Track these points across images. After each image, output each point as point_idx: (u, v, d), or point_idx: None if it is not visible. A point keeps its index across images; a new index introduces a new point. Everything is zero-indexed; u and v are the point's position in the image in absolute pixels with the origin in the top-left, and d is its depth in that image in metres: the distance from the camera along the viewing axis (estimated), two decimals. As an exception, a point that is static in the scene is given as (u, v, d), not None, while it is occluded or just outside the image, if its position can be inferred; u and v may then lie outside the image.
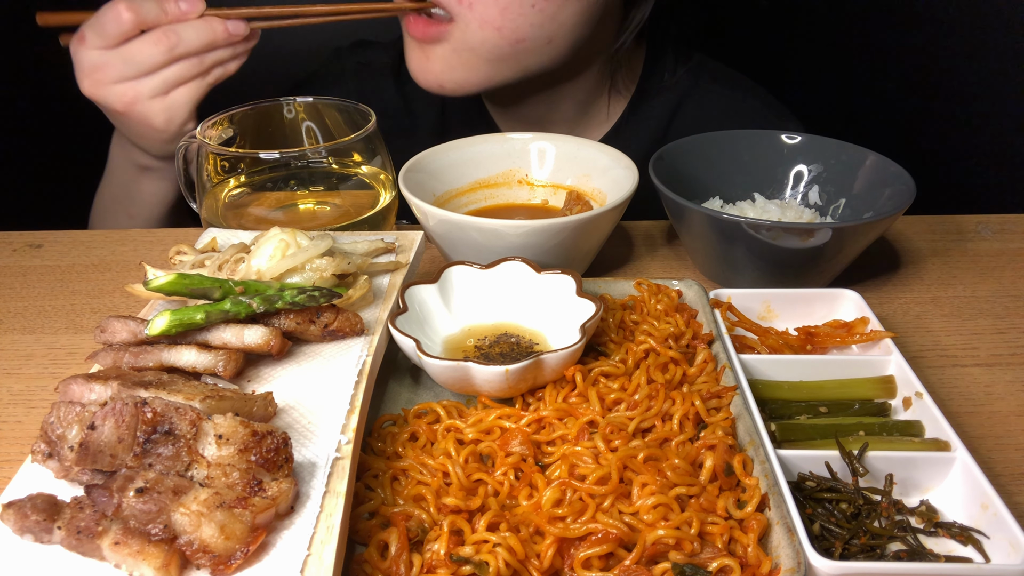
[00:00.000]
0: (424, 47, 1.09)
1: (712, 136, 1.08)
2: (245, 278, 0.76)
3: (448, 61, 1.08)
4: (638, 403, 0.71)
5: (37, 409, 0.78)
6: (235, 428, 0.57)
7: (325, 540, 0.53)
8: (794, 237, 0.87)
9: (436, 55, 1.09)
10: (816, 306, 0.87)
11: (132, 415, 0.56)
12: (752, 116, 1.26)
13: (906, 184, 0.94)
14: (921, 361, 0.85)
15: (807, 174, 1.07)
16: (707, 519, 0.60)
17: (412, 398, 0.78)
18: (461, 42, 1.06)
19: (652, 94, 1.28)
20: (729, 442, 0.66)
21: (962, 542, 0.61)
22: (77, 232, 1.13)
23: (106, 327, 0.70)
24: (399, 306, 0.78)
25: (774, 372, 0.77)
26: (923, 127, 1.86)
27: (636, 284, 0.87)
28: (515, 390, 0.73)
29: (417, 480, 0.65)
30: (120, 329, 0.70)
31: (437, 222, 0.90)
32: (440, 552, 0.57)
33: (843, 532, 0.62)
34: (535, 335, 0.82)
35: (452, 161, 1.06)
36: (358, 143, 0.97)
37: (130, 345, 0.69)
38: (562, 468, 0.65)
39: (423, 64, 1.10)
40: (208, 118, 0.99)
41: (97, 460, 0.55)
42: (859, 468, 0.65)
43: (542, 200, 1.09)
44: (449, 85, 1.11)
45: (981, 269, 1.03)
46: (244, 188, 1.01)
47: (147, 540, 0.51)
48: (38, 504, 0.53)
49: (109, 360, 0.69)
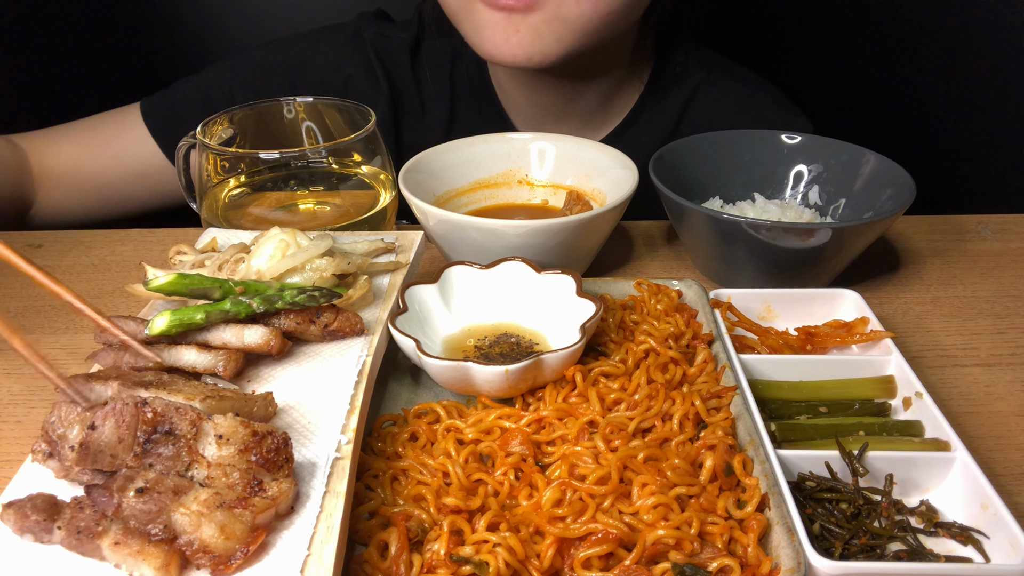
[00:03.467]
0: (512, 18, 1.04)
1: (712, 136, 1.08)
2: (245, 278, 0.76)
3: (539, 31, 1.04)
4: (638, 403, 0.71)
5: (37, 409, 0.78)
6: (235, 428, 0.57)
7: (325, 540, 0.53)
8: (794, 237, 0.87)
9: (527, 25, 1.04)
10: (816, 306, 0.87)
11: (132, 415, 0.56)
12: (763, 111, 1.26)
13: (906, 184, 0.94)
14: (921, 361, 0.85)
15: (807, 174, 1.07)
16: (707, 519, 0.60)
17: (412, 398, 0.77)
18: (554, 13, 1.03)
19: (665, 86, 1.28)
20: (729, 442, 0.66)
21: (962, 542, 0.61)
22: (77, 232, 1.13)
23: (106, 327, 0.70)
24: (399, 306, 0.78)
25: (774, 372, 0.77)
26: (923, 127, 1.86)
27: (636, 284, 0.87)
28: (515, 390, 0.73)
29: (417, 480, 0.65)
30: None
31: (437, 222, 0.90)
32: (440, 552, 0.57)
33: (843, 532, 0.62)
34: (535, 335, 0.82)
35: (452, 161, 1.06)
36: (358, 143, 0.97)
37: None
38: (562, 468, 0.65)
39: (509, 37, 1.05)
40: (208, 118, 0.99)
41: (97, 460, 0.55)
42: (859, 468, 0.65)
43: (542, 200, 1.09)
44: (537, 57, 1.06)
45: (981, 269, 1.03)
46: (244, 188, 1.00)
47: (147, 540, 0.51)
48: (38, 504, 0.53)
49: (109, 360, 0.69)
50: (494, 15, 1.04)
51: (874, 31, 1.83)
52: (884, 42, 1.83)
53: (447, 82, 1.30)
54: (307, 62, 1.30)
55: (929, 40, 1.80)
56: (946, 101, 1.84)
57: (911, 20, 1.79)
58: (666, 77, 1.28)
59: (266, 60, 1.31)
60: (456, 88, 1.30)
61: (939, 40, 1.79)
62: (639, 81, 1.28)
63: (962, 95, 1.83)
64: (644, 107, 1.28)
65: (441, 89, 1.30)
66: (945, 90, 1.83)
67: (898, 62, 1.83)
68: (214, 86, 1.29)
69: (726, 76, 1.29)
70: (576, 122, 1.27)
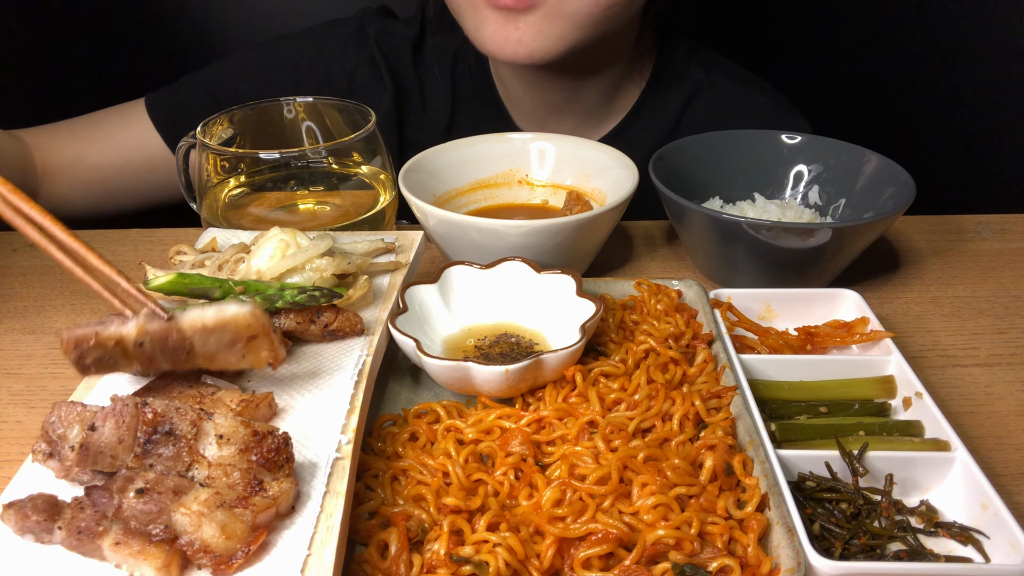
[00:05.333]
0: (513, 16, 1.04)
1: (712, 136, 1.08)
2: (245, 278, 0.76)
3: (539, 28, 1.04)
4: (638, 403, 0.71)
5: (37, 409, 0.78)
6: (236, 428, 0.57)
7: (325, 540, 0.53)
8: (794, 237, 0.87)
9: (528, 23, 1.04)
10: (816, 306, 0.87)
11: (132, 416, 0.56)
12: (763, 112, 1.26)
13: (906, 184, 0.94)
14: (921, 361, 0.85)
15: (807, 174, 1.07)
16: (707, 519, 0.60)
17: (412, 398, 0.78)
18: (554, 9, 1.03)
19: (665, 85, 1.28)
20: (729, 442, 0.66)
21: (962, 542, 0.61)
22: (77, 232, 1.13)
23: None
24: (399, 306, 0.78)
25: (774, 372, 0.77)
26: (923, 127, 1.86)
27: (636, 284, 0.87)
28: (515, 390, 0.73)
29: (417, 480, 0.65)
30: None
31: (437, 222, 0.90)
32: (440, 552, 0.57)
33: (843, 532, 0.62)
34: (535, 335, 0.82)
35: (452, 161, 1.06)
36: (358, 143, 0.97)
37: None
38: (562, 468, 0.65)
39: (510, 34, 1.05)
40: (208, 118, 0.99)
41: (98, 461, 0.56)
42: (859, 468, 0.65)
43: (542, 200, 1.09)
44: (539, 54, 1.06)
45: (981, 269, 1.03)
46: (244, 188, 1.00)
47: (148, 540, 0.51)
48: (39, 504, 0.53)
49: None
50: (495, 13, 1.04)
51: (874, 31, 1.83)
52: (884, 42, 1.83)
53: (449, 78, 1.30)
54: (311, 58, 1.31)
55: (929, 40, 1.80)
56: (947, 101, 1.84)
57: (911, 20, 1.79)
58: (666, 76, 1.28)
59: (270, 56, 1.32)
60: (458, 84, 1.30)
61: (939, 40, 1.79)
62: (640, 79, 1.28)
63: (962, 95, 1.83)
64: (644, 106, 1.28)
65: (443, 85, 1.30)
66: (945, 90, 1.83)
67: (898, 62, 1.83)
68: (219, 81, 1.30)
69: (726, 76, 1.29)
70: (577, 119, 1.27)
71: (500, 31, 1.05)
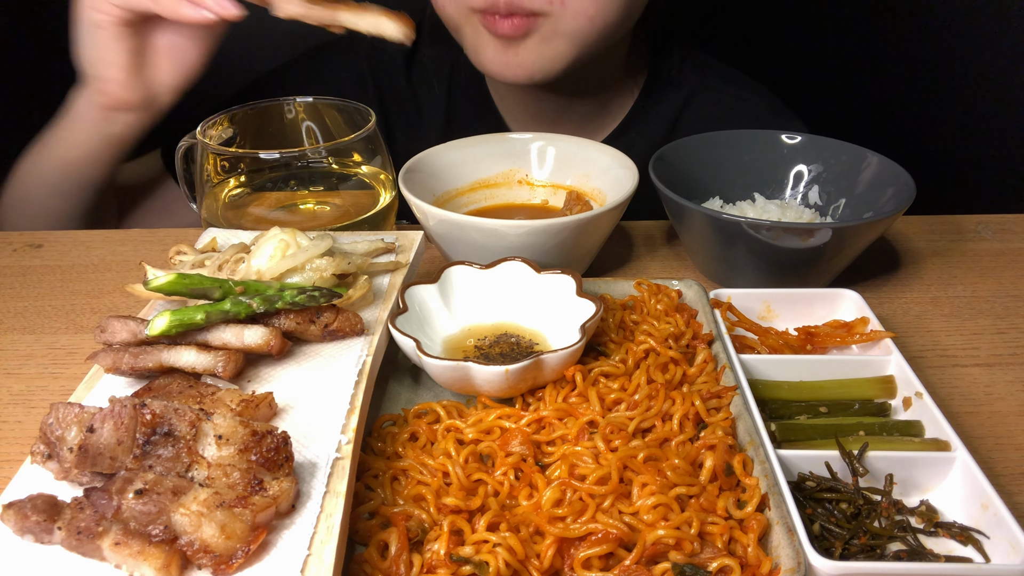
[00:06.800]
0: (512, 43, 1.06)
1: (712, 136, 1.08)
2: (245, 278, 0.76)
3: (538, 51, 1.07)
4: (638, 403, 0.71)
5: (37, 409, 0.78)
6: (235, 428, 0.57)
7: (325, 540, 0.53)
8: (794, 237, 0.87)
9: (526, 48, 1.06)
10: (816, 306, 0.87)
11: (131, 417, 0.56)
12: (758, 115, 1.26)
13: (906, 184, 0.94)
14: (921, 361, 0.85)
15: (807, 174, 1.07)
16: (707, 519, 0.60)
17: (412, 398, 0.77)
18: (551, 32, 1.05)
19: (660, 91, 1.29)
20: (729, 442, 0.66)
21: (962, 542, 0.61)
22: (77, 232, 1.13)
23: (106, 327, 0.70)
24: (399, 306, 0.78)
25: (774, 372, 0.77)
26: (923, 127, 1.86)
27: (636, 284, 0.87)
28: (515, 390, 0.73)
29: (417, 480, 0.65)
30: (120, 329, 0.70)
31: (437, 222, 0.90)
32: (440, 552, 0.57)
33: (843, 532, 0.62)
34: (535, 335, 0.82)
35: (452, 161, 1.06)
36: (358, 143, 0.97)
37: (130, 345, 0.69)
38: (562, 468, 0.65)
39: (510, 60, 1.08)
40: (208, 118, 0.99)
41: (96, 463, 0.55)
42: (859, 468, 0.65)
43: (542, 200, 1.09)
44: (539, 75, 1.09)
45: (981, 269, 1.03)
46: (244, 188, 1.00)
47: (148, 541, 0.51)
48: (38, 504, 0.53)
49: (109, 360, 0.69)
50: (494, 39, 1.07)
51: (874, 31, 1.83)
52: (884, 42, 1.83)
53: (445, 88, 1.31)
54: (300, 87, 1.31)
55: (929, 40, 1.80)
56: (946, 101, 1.84)
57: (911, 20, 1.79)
58: (661, 82, 1.29)
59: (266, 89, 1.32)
60: (454, 94, 1.31)
61: (939, 40, 1.79)
62: (635, 86, 1.29)
63: (962, 95, 1.83)
64: (639, 112, 1.29)
65: (439, 95, 1.31)
66: (945, 90, 1.83)
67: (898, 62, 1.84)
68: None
69: (720, 80, 1.30)
70: (573, 126, 1.28)
71: (500, 56, 1.08)
